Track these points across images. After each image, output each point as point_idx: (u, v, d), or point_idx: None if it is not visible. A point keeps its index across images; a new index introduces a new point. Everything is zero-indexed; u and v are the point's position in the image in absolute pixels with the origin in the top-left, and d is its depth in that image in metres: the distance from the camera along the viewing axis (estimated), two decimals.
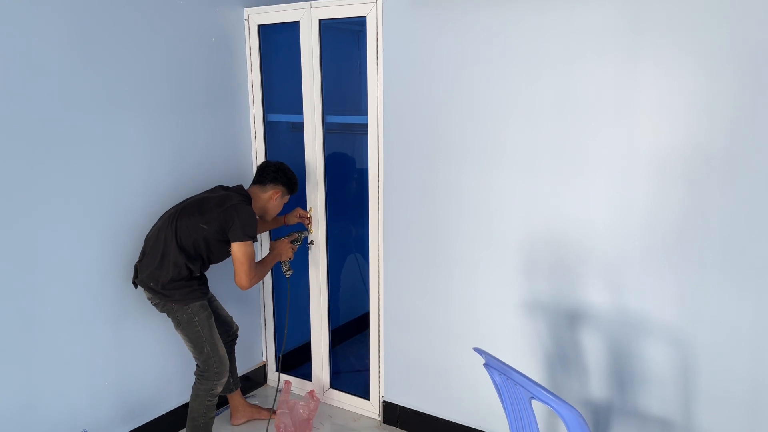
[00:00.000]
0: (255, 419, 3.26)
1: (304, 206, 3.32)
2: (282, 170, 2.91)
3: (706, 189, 2.24)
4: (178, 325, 2.74)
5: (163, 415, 3.07)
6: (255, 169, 3.43)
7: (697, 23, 2.16)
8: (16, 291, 2.42)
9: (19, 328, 2.45)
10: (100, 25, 2.59)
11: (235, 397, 3.21)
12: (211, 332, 2.77)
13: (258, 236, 3.33)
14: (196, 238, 2.67)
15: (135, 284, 2.77)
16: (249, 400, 3.42)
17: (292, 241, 3.11)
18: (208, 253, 2.73)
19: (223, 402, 3.29)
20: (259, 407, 3.28)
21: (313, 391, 3.22)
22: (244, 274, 2.70)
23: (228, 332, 3.11)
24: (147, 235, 2.77)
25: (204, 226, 2.66)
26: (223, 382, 2.84)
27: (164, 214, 2.79)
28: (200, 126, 3.10)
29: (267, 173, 2.90)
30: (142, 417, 2.98)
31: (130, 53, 2.72)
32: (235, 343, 3.19)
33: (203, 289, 2.80)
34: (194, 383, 2.83)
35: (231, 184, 3.10)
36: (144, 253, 2.73)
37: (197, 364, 2.82)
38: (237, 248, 2.67)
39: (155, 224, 2.77)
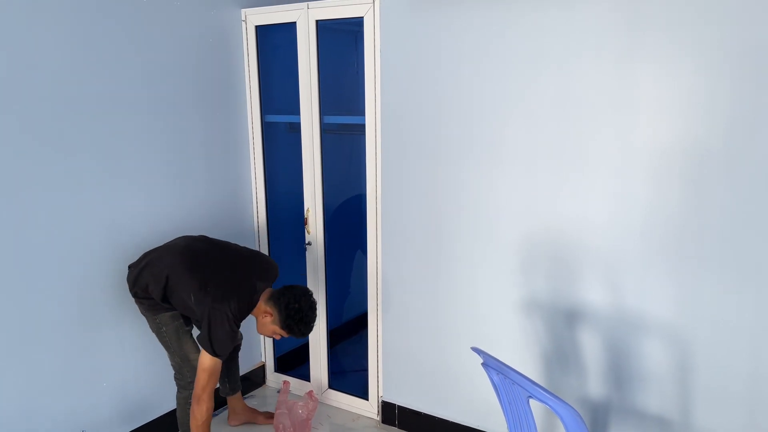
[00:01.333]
0: (251, 423, 3.24)
1: (301, 208, 3.32)
2: (292, 299, 2.55)
3: (705, 187, 2.24)
4: (151, 330, 2.73)
5: (162, 416, 3.07)
6: (252, 170, 3.45)
7: (696, 21, 2.17)
8: (14, 292, 2.42)
9: (18, 330, 2.45)
10: (98, 26, 2.59)
11: (234, 400, 3.21)
12: (180, 343, 2.67)
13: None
14: (183, 297, 2.52)
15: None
16: (247, 401, 3.42)
17: None
18: (185, 311, 2.61)
19: (221, 403, 3.29)
20: (258, 411, 3.26)
21: (311, 391, 3.23)
22: (200, 387, 2.48)
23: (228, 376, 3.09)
24: (156, 248, 2.70)
25: (192, 298, 2.49)
26: None
27: (182, 240, 2.71)
28: (198, 126, 3.10)
29: (283, 293, 2.59)
30: (141, 418, 2.98)
31: (128, 54, 2.72)
32: (238, 350, 3.16)
33: (164, 307, 2.65)
34: (176, 392, 2.82)
35: (228, 189, 3.11)
36: (143, 258, 2.67)
37: (174, 373, 2.80)
38: (203, 356, 2.48)
39: (174, 242, 2.71)
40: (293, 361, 3.75)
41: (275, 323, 2.57)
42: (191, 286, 2.49)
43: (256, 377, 3.67)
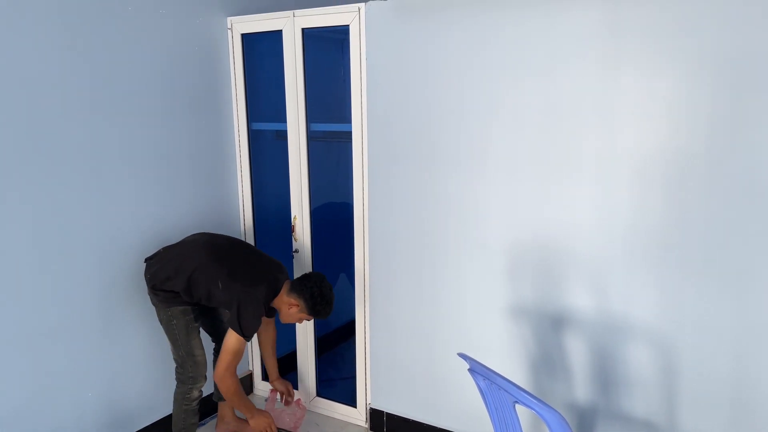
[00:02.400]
0: None
1: (288, 216, 3.32)
2: (314, 286, 2.75)
3: (687, 193, 2.27)
4: (160, 322, 2.80)
5: (149, 426, 3.05)
6: (239, 177, 3.44)
7: (677, 29, 2.20)
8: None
9: (2, 340, 2.43)
10: (83, 35, 2.58)
11: (224, 407, 3.19)
12: (188, 338, 2.77)
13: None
14: (210, 287, 2.65)
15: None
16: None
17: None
18: (206, 301, 2.72)
19: (213, 410, 3.27)
20: (246, 423, 3.18)
21: (299, 399, 3.22)
22: (222, 367, 2.63)
23: None
24: (176, 243, 2.85)
25: (220, 286, 2.64)
26: (200, 387, 2.84)
27: (202, 236, 2.91)
28: (184, 134, 3.10)
29: (303, 282, 2.77)
30: (128, 427, 2.96)
31: (114, 62, 2.72)
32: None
33: (177, 301, 2.74)
34: (174, 387, 2.88)
35: (215, 196, 3.13)
36: (163, 253, 2.78)
37: (175, 367, 2.84)
38: (229, 336, 2.63)
39: (193, 237, 2.88)
40: (281, 370, 3.72)
41: (302, 311, 2.77)
42: (220, 274, 2.64)
43: (244, 386, 3.65)
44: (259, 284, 2.67)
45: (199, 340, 2.83)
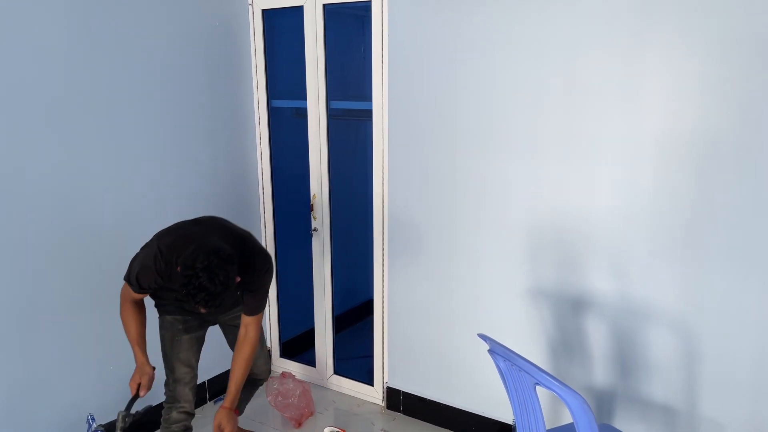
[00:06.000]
0: None
1: (308, 195, 3.31)
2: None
3: (714, 176, 2.23)
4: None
5: None
6: (259, 155, 3.43)
7: (706, 7, 2.14)
8: (20, 276, 2.44)
9: (25, 313, 2.47)
10: (104, 12, 2.58)
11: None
12: (171, 351, 2.46)
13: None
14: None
15: None
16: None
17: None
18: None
19: (222, 389, 3.23)
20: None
21: (285, 373, 3.21)
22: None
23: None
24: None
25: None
26: (180, 410, 2.48)
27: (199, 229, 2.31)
28: (204, 111, 3.09)
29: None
30: (148, 400, 2.99)
31: (134, 38, 2.71)
32: (257, 386, 2.84)
33: (169, 308, 2.45)
34: None
35: (235, 174, 3.13)
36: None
37: None
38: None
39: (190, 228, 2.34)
40: (299, 347, 3.76)
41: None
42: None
43: None
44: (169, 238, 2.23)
45: (187, 356, 2.47)
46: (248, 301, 2.38)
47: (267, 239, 3.54)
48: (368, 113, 3.02)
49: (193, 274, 1.98)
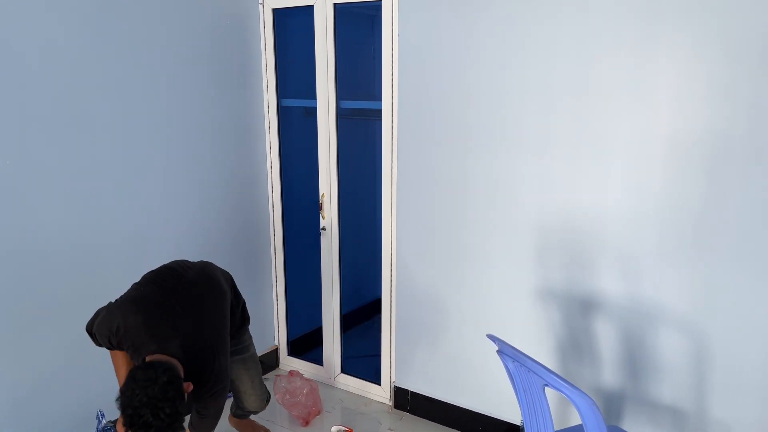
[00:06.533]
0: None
1: (316, 194, 3.32)
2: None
3: (724, 177, 2.21)
4: None
5: None
6: (268, 154, 3.44)
7: (718, 6, 2.13)
8: (30, 275, 2.45)
9: (37, 309, 2.48)
10: (114, 12, 2.59)
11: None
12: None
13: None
14: None
15: None
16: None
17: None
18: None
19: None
20: (257, 425, 2.96)
21: (292, 372, 3.22)
22: None
23: (237, 405, 2.78)
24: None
25: None
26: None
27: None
28: (214, 110, 3.10)
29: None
30: None
31: (144, 37, 2.72)
32: (247, 417, 2.88)
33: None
34: None
35: (244, 173, 3.10)
36: None
37: None
38: None
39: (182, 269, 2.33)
40: (307, 345, 3.77)
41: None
42: None
43: (270, 360, 3.69)
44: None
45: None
46: (194, 421, 2.24)
47: (276, 238, 3.55)
48: (378, 113, 3.02)
49: (134, 413, 1.81)
